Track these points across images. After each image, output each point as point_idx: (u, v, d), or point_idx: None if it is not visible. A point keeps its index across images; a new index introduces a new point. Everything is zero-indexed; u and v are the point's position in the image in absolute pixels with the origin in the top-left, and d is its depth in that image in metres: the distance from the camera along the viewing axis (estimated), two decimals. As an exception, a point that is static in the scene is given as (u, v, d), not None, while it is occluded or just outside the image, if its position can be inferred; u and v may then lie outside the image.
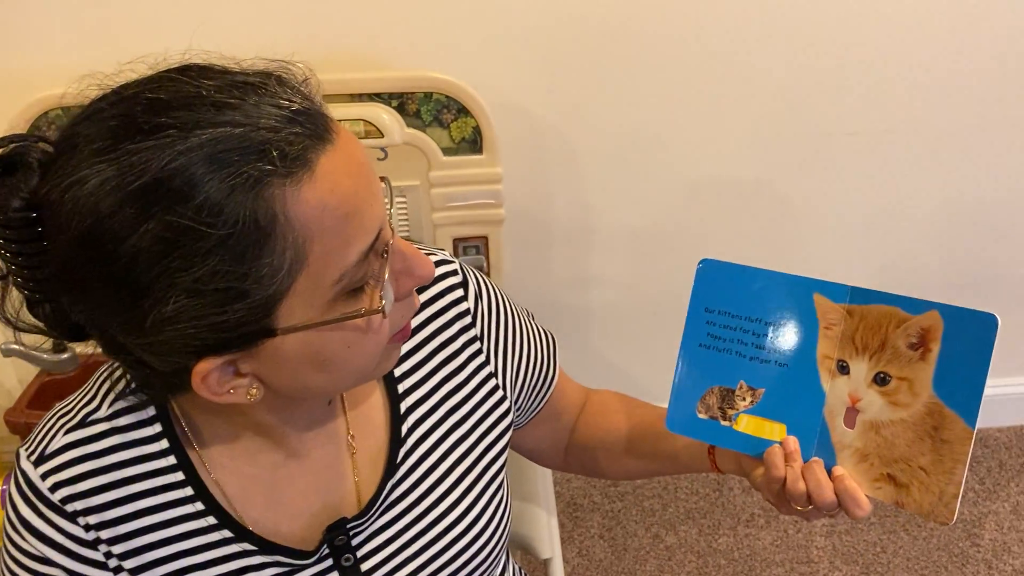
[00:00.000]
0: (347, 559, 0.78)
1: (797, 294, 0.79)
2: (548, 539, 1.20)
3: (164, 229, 0.54)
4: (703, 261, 0.81)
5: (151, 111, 0.56)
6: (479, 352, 0.85)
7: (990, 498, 1.85)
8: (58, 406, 0.75)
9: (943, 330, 0.73)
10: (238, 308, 0.57)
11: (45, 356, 1.48)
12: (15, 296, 0.63)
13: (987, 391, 2.09)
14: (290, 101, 0.59)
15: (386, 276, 0.62)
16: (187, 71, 0.59)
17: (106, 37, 1.32)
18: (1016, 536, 1.77)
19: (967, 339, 0.72)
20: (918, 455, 0.74)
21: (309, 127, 0.58)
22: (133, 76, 0.60)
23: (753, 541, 1.78)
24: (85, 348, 1.48)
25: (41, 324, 0.64)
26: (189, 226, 0.54)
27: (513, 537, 1.20)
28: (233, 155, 0.55)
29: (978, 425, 0.70)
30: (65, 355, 1.49)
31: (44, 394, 1.52)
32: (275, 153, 0.56)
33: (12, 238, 0.58)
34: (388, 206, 0.65)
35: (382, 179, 0.65)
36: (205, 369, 0.60)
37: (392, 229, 0.65)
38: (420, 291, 0.83)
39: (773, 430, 0.79)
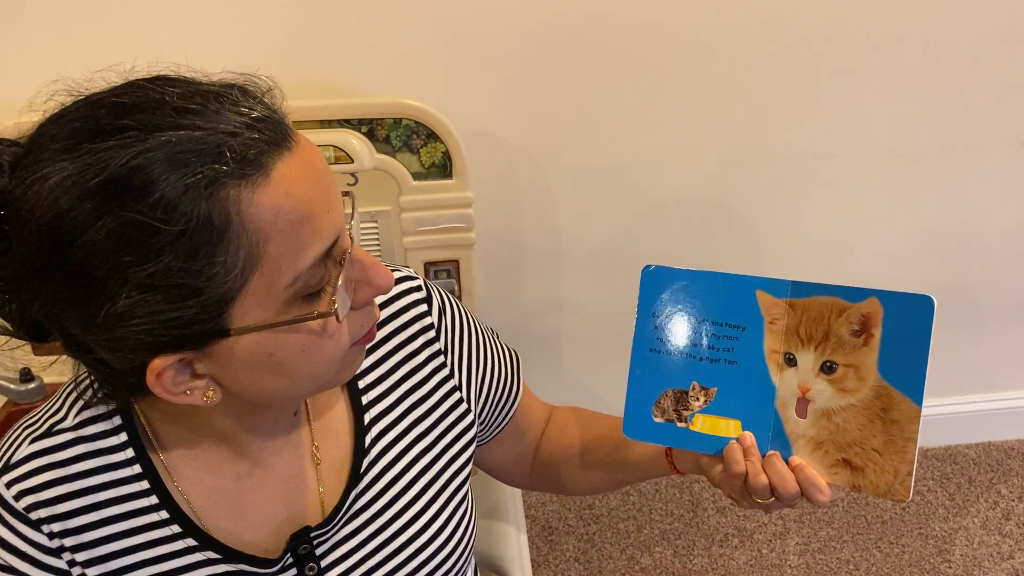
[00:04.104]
0: (311, 568, 0.78)
1: (740, 292, 0.81)
2: (518, 559, 1.20)
3: (119, 225, 0.56)
4: (646, 268, 0.83)
5: (114, 114, 0.58)
6: (443, 365, 0.86)
7: (960, 514, 1.86)
8: (23, 419, 0.76)
9: (883, 315, 0.76)
10: (191, 305, 0.59)
11: (12, 386, 1.47)
12: None
13: (955, 409, 2.12)
14: (251, 109, 0.61)
15: (340, 282, 0.64)
16: (154, 80, 0.61)
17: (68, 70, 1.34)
18: (986, 551, 1.79)
19: (907, 322, 0.75)
20: (870, 437, 0.77)
21: (268, 133, 0.60)
22: (103, 84, 0.62)
23: (728, 561, 1.79)
24: (52, 377, 1.48)
25: (8, 325, 0.65)
26: (143, 222, 0.56)
27: (483, 557, 1.20)
28: (190, 156, 0.57)
29: (947, 442, 0.72)
30: (32, 384, 1.48)
31: (10, 424, 1.50)
32: (231, 155, 0.57)
33: None
34: (349, 218, 0.66)
35: (346, 194, 0.67)
36: (160, 366, 0.61)
37: (352, 239, 0.67)
38: (384, 306, 0.84)
39: (728, 427, 0.81)
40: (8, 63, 1.38)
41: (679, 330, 0.82)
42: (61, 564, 0.72)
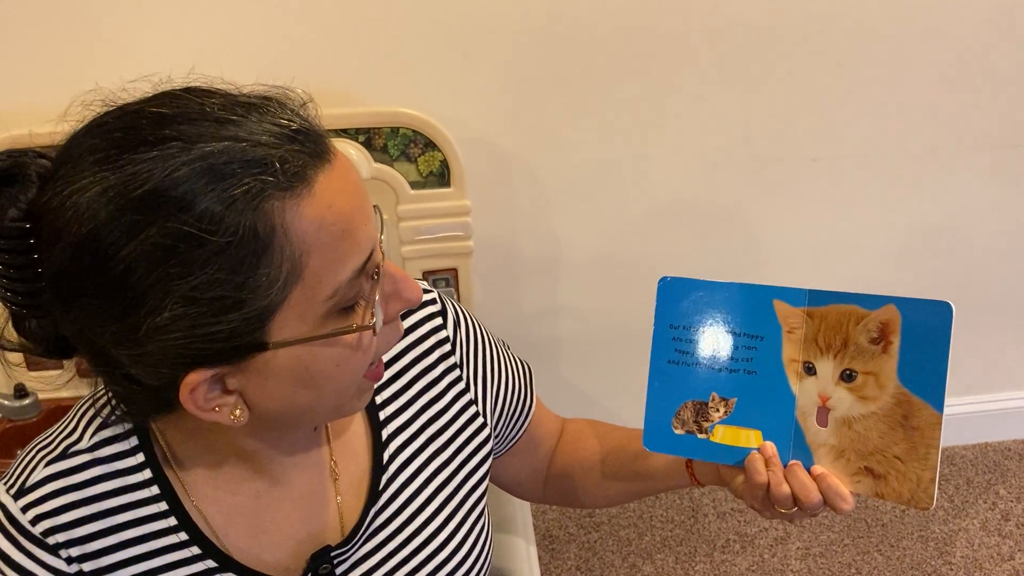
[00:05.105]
0: (330, 587, 0.77)
1: (757, 302, 0.81)
2: (528, 571, 1.19)
3: (164, 236, 0.55)
4: (663, 279, 0.83)
5: (155, 124, 0.57)
6: (459, 379, 0.85)
7: (959, 516, 1.87)
8: (36, 440, 0.74)
9: (901, 322, 0.76)
10: (233, 318, 0.58)
11: (6, 402, 1.45)
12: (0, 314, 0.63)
13: (952, 410, 2.14)
14: (290, 121, 0.60)
15: (376, 296, 0.63)
16: (191, 90, 0.61)
17: (87, 77, 1.33)
18: (986, 552, 1.79)
19: (925, 328, 0.75)
20: (892, 445, 0.76)
21: (309, 146, 0.60)
22: (136, 95, 0.61)
23: (729, 567, 1.78)
24: (47, 392, 1.46)
25: (26, 341, 0.63)
26: (190, 233, 0.55)
27: (493, 569, 1.19)
28: (235, 167, 0.56)
29: (944, 444, 0.72)
30: (27, 400, 1.46)
31: (5, 441, 1.48)
32: (278, 166, 0.57)
33: (5, 248, 0.58)
34: (379, 231, 0.66)
35: (373, 207, 0.66)
36: (194, 381, 0.60)
37: (383, 253, 0.66)
38: (402, 318, 0.83)
39: (749, 437, 0.80)
40: (35, 73, 1.38)
41: (697, 341, 0.82)
42: None
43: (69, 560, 0.70)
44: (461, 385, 0.85)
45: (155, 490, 0.72)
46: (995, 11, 1.54)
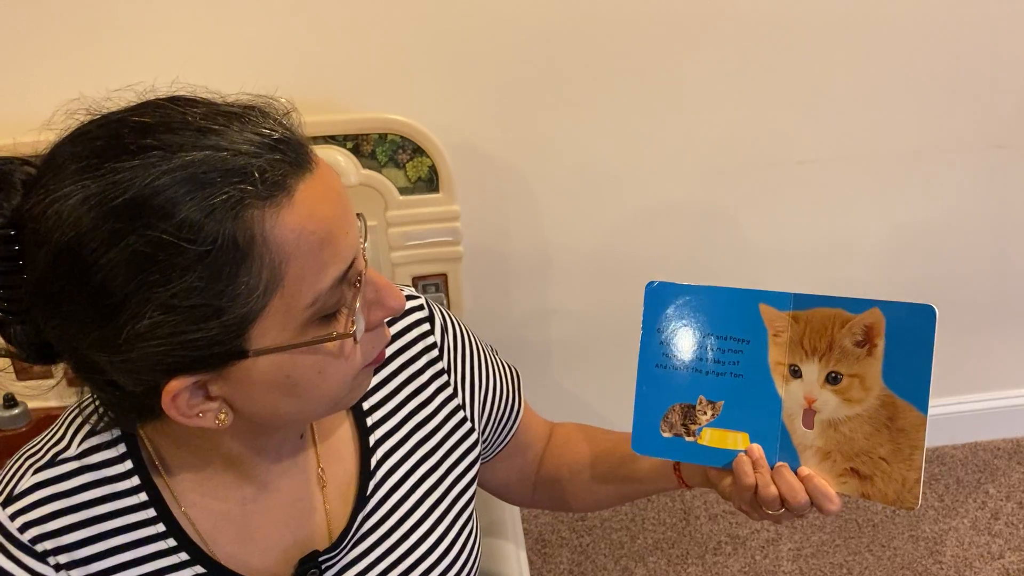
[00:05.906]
0: (319, 593, 0.77)
1: (743, 306, 0.82)
2: (518, 575, 1.20)
3: (144, 244, 0.55)
4: (650, 283, 0.83)
5: (137, 133, 0.58)
6: (447, 385, 0.86)
7: (950, 515, 1.88)
8: (24, 448, 0.74)
9: (886, 325, 0.77)
10: (212, 326, 0.58)
11: (-5, 412, 1.45)
12: None
13: (941, 410, 2.14)
14: (272, 130, 0.61)
15: (358, 304, 0.63)
16: (174, 100, 0.61)
17: (71, 86, 1.33)
18: (976, 551, 1.80)
19: (910, 331, 0.76)
20: (877, 446, 0.77)
21: (290, 155, 0.60)
22: (120, 104, 0.62)
23: (721, 569, 1.79)
24: (36, 402, 1.46)
25: (11, 347, 0.63)
26: (169, 241, 0.55)
27: (482, 573, 1.19)
28: (215, 176, 0.56)
29: (934, 444, 0.73)
30: (16, 410, 1.45)
31: (-4, 451, 1.48)
32: (257, 175, 0.57)
33: None
34: (362, 239, 0.66)
35: (357, 215, 0.67)
36: (175, 388, 0.61)
37: (365, 261, 0.66)
38: (389, 324, 0.83)
39: (736, 440, 0.81)
40: (22, 83, 1.38)
41: (684, 345, 0.83)
42: None
43: (57, 567, 0.70)
44: (449, 390, 0.86)
45: (143, 496, 0.72)
46: (979, 13, 1.55)
